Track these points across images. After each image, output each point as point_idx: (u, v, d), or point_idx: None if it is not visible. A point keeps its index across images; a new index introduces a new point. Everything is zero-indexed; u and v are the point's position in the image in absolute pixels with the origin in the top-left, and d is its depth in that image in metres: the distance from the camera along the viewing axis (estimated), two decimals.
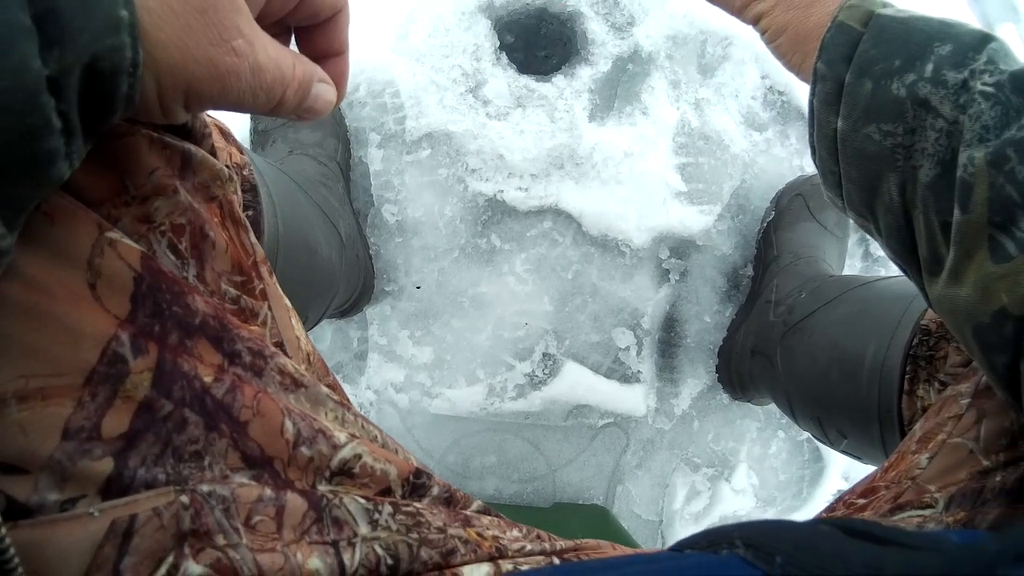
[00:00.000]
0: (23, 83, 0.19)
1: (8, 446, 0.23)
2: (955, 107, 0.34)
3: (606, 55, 0.84)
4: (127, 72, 0.23)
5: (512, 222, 0.85)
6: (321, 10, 0.32)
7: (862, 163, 0.38)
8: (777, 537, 0.27)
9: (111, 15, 0.21)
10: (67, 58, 0.20)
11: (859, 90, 0.37)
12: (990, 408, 0.42)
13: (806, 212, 0.87)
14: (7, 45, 0.19)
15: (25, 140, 0.20)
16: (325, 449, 0.32)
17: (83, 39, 0.21)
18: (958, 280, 0.34)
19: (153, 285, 0.28)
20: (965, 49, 0.35)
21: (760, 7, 0.46)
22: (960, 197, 0.33)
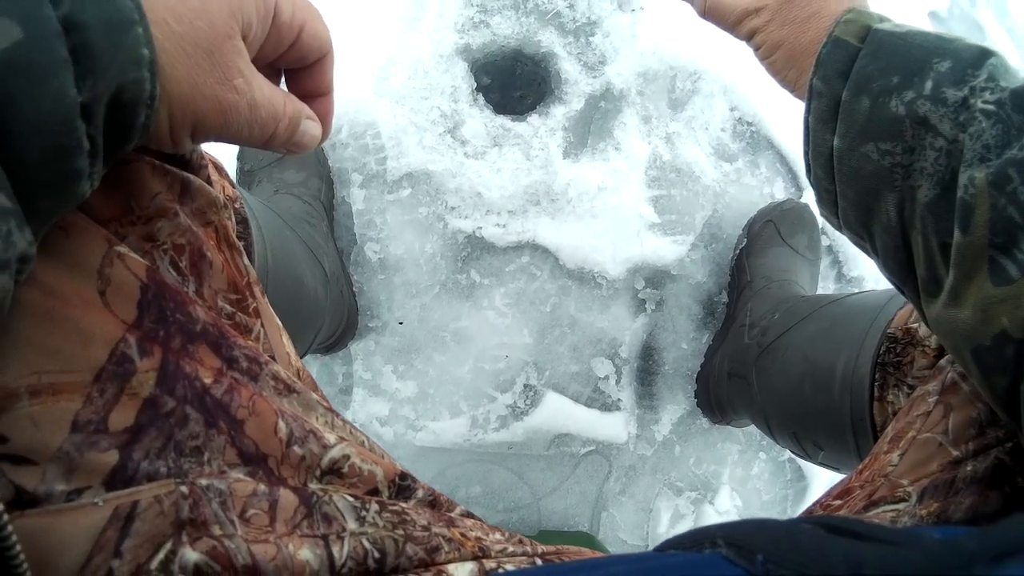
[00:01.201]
0: (61, 107, 0.22)
1: (19, 437, 0.25)
2: (955, 125, 0.33)
3: (579, 93, 0.88)
4: (146, 103, 0.25)
5: (491, 258, 0.88)
6: (309, 54, 0.35)
7: (859, 182, 0.37)
8: (758, 535, 0.28)
9: (135, 52, 0.24)
10: (97, 88, 0.23)
11: (856, 107, 0.37)
12: (957, 402, 0.42)
13: (777, 237, 0.90)
14: (49, 74, 0.22)
15: (59, 158, 0.23)
16: (316, 449, 0.34)
17: (111, 72, 0.23)
18: (957, 302, 0.33)
19: (158, 294, 0.30)
20: (964, 65, 0.34)
21: (754, 22, 0.46)
22: (961, 218, 0.32)
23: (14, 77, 0.21)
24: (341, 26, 0.87)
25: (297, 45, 0.34)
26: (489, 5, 0.88)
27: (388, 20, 0.90)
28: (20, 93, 0.21)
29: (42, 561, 0.24)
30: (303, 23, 0.33)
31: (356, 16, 0.90)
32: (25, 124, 0.21)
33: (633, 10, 0.90)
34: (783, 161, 0.97)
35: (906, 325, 0.53)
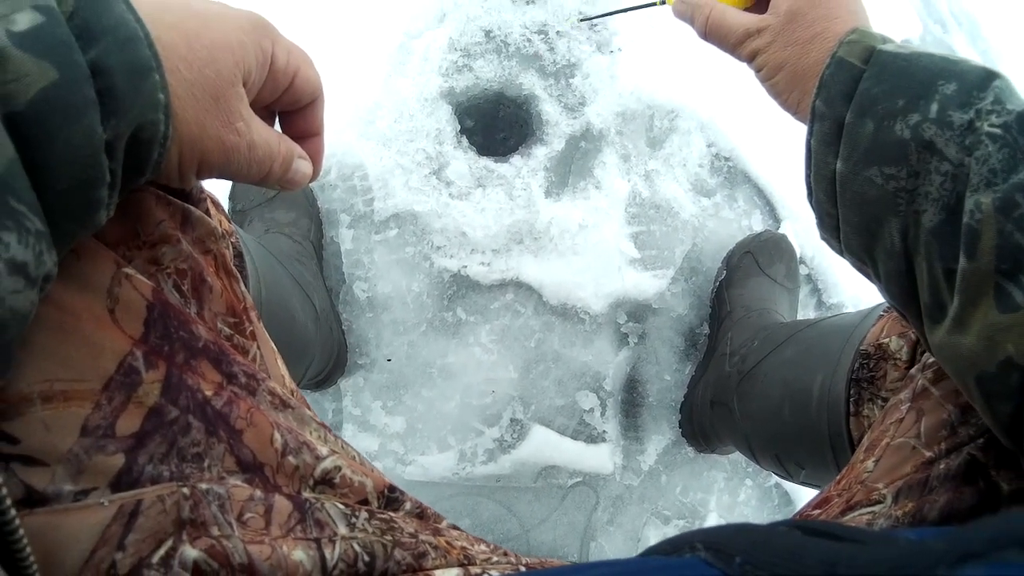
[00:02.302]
0: (90, 143, 0.25)
1: (31, 439, 0.27)
2: (961, 149, 0.33)
3: (560, 134, 0.91)
4: (159, 142, 0.28)
5: (476, 295, 0.90)
6: (302, 98, 0.38)
7: (862, 207, 0.37)
8: (736, 539, 0.28)
9: (153, 97, 0.27)
10: (120, 127, 0.26)
11: (860, 130, 0.36)
12: (928, 406, 0.43)
13: (756, 268, 0.93)
14: (80, 113, 0.24)
15: (84, 188, 0.25)
16: (309, 460, 0.36)
17: (132, 113, 0.26)
18: (962, 329, 0.33)
19: (163, 313, 0.32)
20: (970, 88, 0.34)
21: (756, 43, 0.46)
22: (966, 244, 0.32)
23: (51, 115, 0.23)
24: (330, 71, 0.91)
25: (291, 90, 0.37)
26: (472, 49, 0.92)
27: (375, 64, 0.93)
28: (56, 129, 0.24)
29: (49, 554, 0.26)
30: (296, 70, 0.36)
31: (344, 61, 0.94)
32: (58, 157, 0.24)
33: (611, 51, 0.94)
34: (760, 194, 1.01)
35: (877, 341, 0.55)
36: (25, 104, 0.23)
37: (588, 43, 0.94)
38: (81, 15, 0.25)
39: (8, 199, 0.22)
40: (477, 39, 0.92)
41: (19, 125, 0.23)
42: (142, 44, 0.26)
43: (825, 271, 1.04)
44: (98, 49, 0.25)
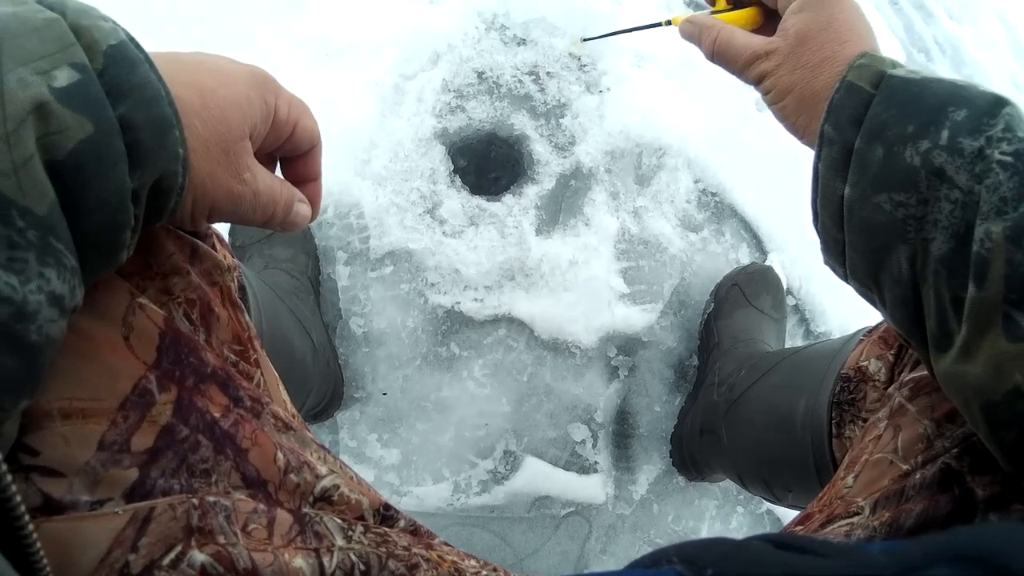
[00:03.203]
0: (119, 191, 0.27)
1: (50, 452, 0.29)
2: (971, 177, 0.33)
3: (550, 173, 0.95)
4: (176, 192, 0.31)
5: (469, 331, 0.93)
6: (301, 145, 0.41)
7: (870, 233, 0.37)
8: (709, 551, 0.30)
9: (174, 151, 0.29)
10: (144, 177, 0.28)
11: (870, 156, 0.36)
12: (905, 422, 0.44)
13: (743, 300, 0.95)
14: (113, 164, 0.27)
15: (112, 231, 0.28)
16: (309, 478, 0.38)
17: (156, 166, 0.29)
18: (969, 357, 0.33)
19: (174, 340, 0.35)
20: (980, 114, 0.34)
21: (764, 66, 0.45)
22: (976, 273, 0.32)
23: (87, 165, 0.26)
24: (327, 110, 0.94)
25: (292, 139, 0.40)
26: (465, 90, 0.95)
27: (370, 104, 0.97)
28: (91, 178, 0.26)
29: (65, 556, 0.28)
30: (297, 121, 0.39)
31: (341, 101, 0.97)
32: (92, 203, 0.26)
33: (600, 91, 0.98)
34: (747, 228, 1.04)
35: (857, 364, 0.56)
36: (66, 154, 0.25)
37: (577, 83, 0.98)
38: (110, 73, 0.27)
39: (50, 239, 0.25)
40: (470, 80, 0.96)
41: (60, 173, 0.25)
42: (164, 102, 0.29)
43: (812, 301, 1.07)
44: (126, 106, 0.27)
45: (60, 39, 0.26)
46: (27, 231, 0.24)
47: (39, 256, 0.24)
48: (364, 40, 0.99)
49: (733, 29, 0.49)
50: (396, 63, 0.98)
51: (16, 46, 0.25)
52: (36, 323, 0.24)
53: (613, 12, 1.01)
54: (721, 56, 0.49)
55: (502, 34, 0.99)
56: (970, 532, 0.27)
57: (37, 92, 0.25)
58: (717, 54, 0.49)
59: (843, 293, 1.09)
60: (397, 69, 0.97)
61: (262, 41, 1.03)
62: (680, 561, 0.30)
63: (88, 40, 0.27)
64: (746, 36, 0.48)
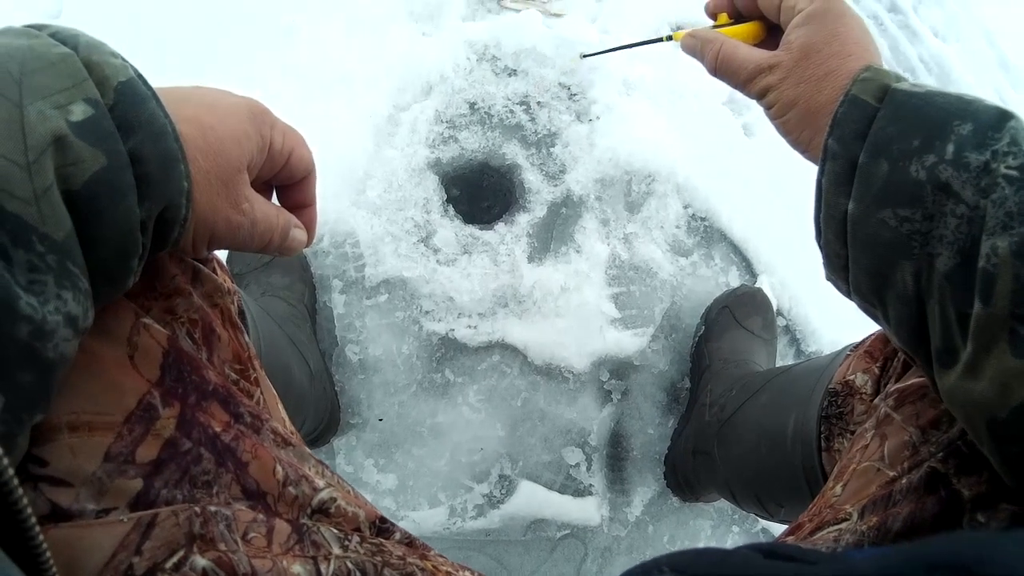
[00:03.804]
0: (130, 221, 0.29)
1: (58, 463, 0.30)
2: (977, 191, 0.33)
3: (542, 201, 0.97)
4: (180, 223, 0.32)
5: (464, 357, 0.95)
6: (296, 174, 0.42)
7: (875, 249, 0.36)
8: (698, 561, 0.30)
9: (179, 184, 0.31)
10: (152, 209, 0.30)
11: (874, 171, 0.36)
12: (891, 431, 0.44)
13: (733, 322, 0.97)
14: (124, 195, 0.28)
15: (122, 258, 0.30)
16: (307, 491, 0.39)
17: (162, 198, 0.30)
18: (975, 374, 0.32)
19: (177, 359, 0.36)
20: (985, 128, 0.34)
21: (768, 80, 0.45)
22: (982, 289, 0.32)
23: (100, 195, 0.27)
24: (322, 142, 0.97)
25: (287, 167, 0.41)
26: (457, 121, 0.98)
27: (365, 135, 0.99)
28: (104, 208, 0.28)
29: (72, 559, 0.29)
30: (291, 151, 0.41)
31: (336, 132, 1.00)
32: (104, 231, 0.28)
33: (590, 120, 1.00)
34: (736, 251, 1.06)
35: (844, 378, 0.56)
36: (81, 185, 0.27)
37: (568, 112, 1.00)
38: (120, 108, 0.29)
39: (67, 263, 0.26)
40: (462, 111, 0.98)
41: (75, 202, 0.27)
42: (171, 138, 0.30)
43: (803, 321, 1.09)
44: (135, 140, 0.29)
45: (74, 75, 0.28)
46: (47, 256, 0.25)
47: (57, 279, 0.26)
48: (358, 71, 1.02)
49: (736, 43, 0.49)
50: (390, 94, 1.00)
51: (34, 80, 0.27)
52: (53, 341, 0.26)
53: (602, 43, 1.03)
54: (724, 70, 0.49)
55: (493, 65, 1.02)
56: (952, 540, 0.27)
57: (56, 125, 0.26)
58: (720, 68, 0.49)
59: (833, 312, 1.12)
60: (391, 100, 1.00)
61: (258, 72, 1.06)
62: (671, 571, 0.30)
63: (99, 76, 0.29)
64: (749, 50, 0.48)
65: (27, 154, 0.25)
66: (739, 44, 0.49)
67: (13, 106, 0.26)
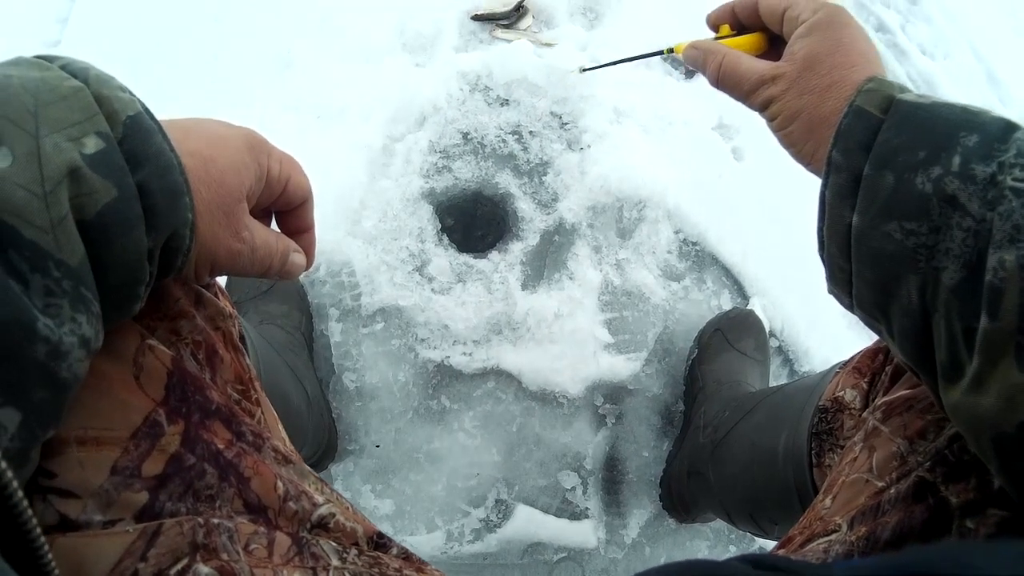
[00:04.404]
0: (138, 250, 0.30)
1: (67, 475, 0.31)
2: (983, 204, 0.32)
3: (535, 230, 1.00)
4: (184, 252, 0.34)
5: (459, 384, 0.97)
6: (294, 200, 0.44)
7: (879, 263, 0.36)
8: (688, 572, 0.31)
9: (184, 216, 0.32)
10: (158, 239, 0.31)
11: (879, 183, 0.35)
12: (879, 443, 0.44)
13: (726, 344, 0.98)
14: (133, 226, 0.29)
15: (130, 285, 0.31)
16: (307, 506, 0.41)
17: (168, 229, 0.32)
18: (981, 389, 0.32)
19: (181, 379, 0.37)
20: (991, 140, 0.33)
21: (770, 91, 0.45)
22: (988, 303, 0.31)
23: (111, 225, 0.29)
24: (319, 172, 0.99)
25: (285, 194, 0.43)
26: (451, 151, 1.01)
27: (360, 166, 1.02)
28: (114, 237, 0.29)
29: (79, 566, 0.30)
30: (288, 178, 0.42)
31: (332, 162, 1.02)
32: (114, 259, 0.29)
33: (581, 149, 1.03)
34: (727, 274, 1.09)
35: (834, 395, 0.57)
36: (93, 215, 0.28)
37: (559, 141, 1.03)
38: (129, 142, 0.30)
39: (81, 288, 0.28)
40: (455, 141, 1.01)
41: (88, 231, 0.28)
42: (176, 171, 0.32)
43: (795, 342, 1.11)
44: (143, 173, 0.30)
45: (86, 108, 0.29)
46: (62, 281, 0.27)
47: (72, 303, 0.27)
48: (353, 103, 1.05)
49: (738, 54, 0.49)
50: (384, 125, 1.03)
51: (49, 113, 0.28)
52: (68, 361, 0.27)
53: (593, 73, 1.06)
54: (726, 81, 0.49)
55: (486, 95, 1.05)
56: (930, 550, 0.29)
57: (71, 158, 0.28)
58: (722, 79, 0.49)
59: (825, 332, 1.14)
60: (385, 131, 1.03)
61: (256, 104, 1.08)
62: None
63: (109, 109, 0.30)
64: (752, 61, 0.48)
65: (44, 184, 0.27)
66: (742, 55, 0.49)
67: (30, 138, 0.27)
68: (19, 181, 0.26)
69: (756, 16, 0.51)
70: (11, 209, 0.25)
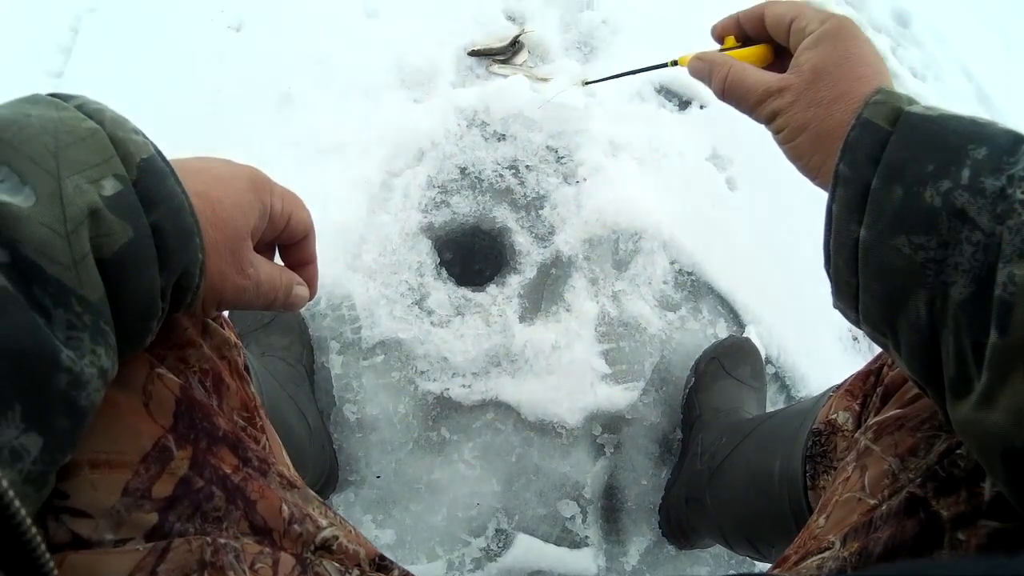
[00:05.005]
0: (152, 288, 0.32)
1: (79, 496, 0.32)
2: (993, 217, 0.32)
3: (532, 263, 1.02)
4: (192, 290, 0.35)
5: (458, 416, 0.99)
6: (296, 235, 0.46)
7: (887, 277, 0.36)
8: None
9: (195, 256, 0.34)
10: (170, 278, 0.33)
11: (887, 197, 0.35)
12: (870, 461, 0.45)
13: (722, 372, 1.00)
14: (148, 265, 0.31)
15: (144, 319, 0.32)
16: (311, 528, 0.42)
17: (180, 268, 0.33)
18: (990, 405, 0.32)
19: (189, 407, 0.38)
20: (1000, 152, 0.33)
21: (777, 103, 0.45)
22: (998, 318, 0.31)
23: (128, 264, 0.30)
24: (319, 207, 1.02)
25: (287, 230, 0.45)
26: (449, 186, 1.04)
27: (360, 201, 1.05)
28: (131, 275, 0.30)
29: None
30: (291, 213, 0.44)
31: (332, 197, 1.05)
32: (130, 296, 0.31)
33: (577, 182, 1.06)
34: (723, 303, 1.11)
35: (827, 418, 0.58)
36: (111, 254, 0.30)
37: (555, 175, 1.06)
38: (143, 184, 0.31)
39: (100, 322, 0.29)
40: (453, 176, 1.04)
41: (106, 268, 0.29)
42: (187, 213, 0.33)
43: (791, 368, 1.14)
44: (157, 215, 0.32)
45: (103, 151, 0.31)
46: (83, 315, 0.28)
47: (92, 336, 0.29)
48: (352, 138, 1.08)
49: (745, 65, 0.49)
50: (383, 160, 1.06)
51: (69, 154, 0.29)
52: (87, 391, 0.29)
53: (588, 106, 1.10)
54: (732, 93, 0.49)
55: (483, 130, 1.08)
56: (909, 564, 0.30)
57: (91, 199, 0.29)
58: (728, 91, 0.49)
59: (821, 358, 1.16)
60: (384, 166, 1.06)
61: (256, 139, 1.12)
62: None
63: (124, 152, 0.32)
64: (758, 72, 0.48)
65: (66, 224, 0.28)
66: (748, 67, 0.49)
67: (52, 179, 0.28)
68: (43, 220, 0.27)
69: (762, 27, 0.51)
70: (36, 247, 0.27)
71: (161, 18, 1.28)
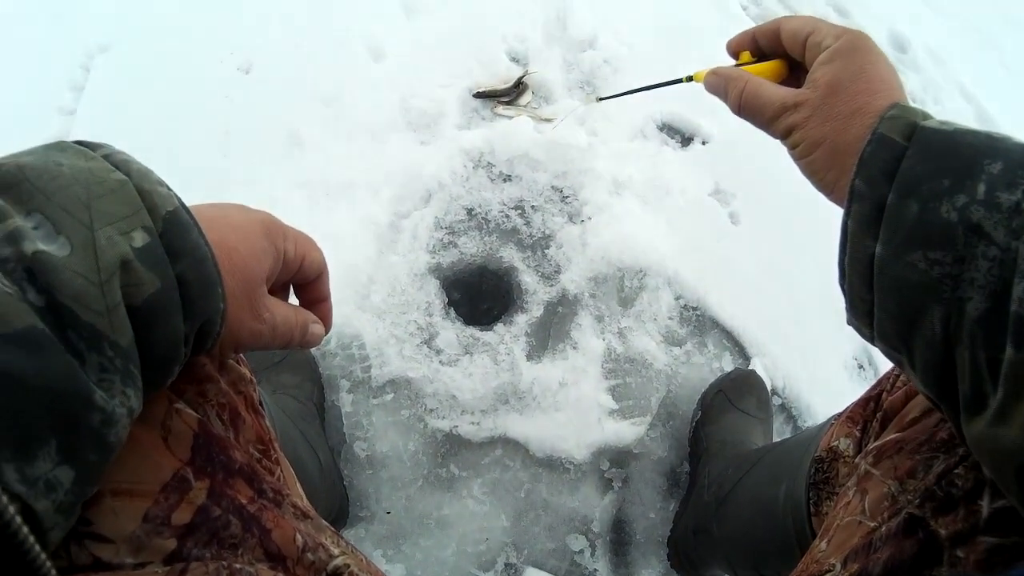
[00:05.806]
0: (177, 335, 0.33)
1: (102, 522, 0.33)
2: (1008, 233, 0.32)
3: (538, 302, 1.06)
4: (213, 336, 0.37)
5: (467, 452, 1.02)
6: (310, 275, 0.47)
7: (903, 293, 0.36)
8: None
9: (216, 304, 0.36)
10: (194, 326, 0.35)
11: (903, 212, 0.35)
12: (870, 485, 0.46)
13: (728, 404, 1.03)
14: (173, 313, 0.33)
15: (168, 363, 0.34)
16: (324, 557, 0.44)
17: (203, 316, 0.35)
18: (1005, 421, 0.32)
19: (206, 441, 0.40)
20: (1015, 166, 0.33)
21: (793, 118, 0.45)
22: (1014, 334, 0.31)
23: (155, 312, 0.32)
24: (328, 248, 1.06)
25: (301, 271, 0.46)
26: (456, 227, 1.08)
27: (369, 242, 1.09)
28: (157, 323, 0.32)
29: None
30: (304, 255, 0.46)
31: (341, 238, 1.10)
32: (156, 342, 0.32)
33: (582, 221, 1.10)
34: (728, 336, 1.15)
35: (829, 445, 0.59)
36: (140, 302, 0.31)
37: (561, 215, 1.10)
38: (168, 236, 0.33)
39: (129, 365, 0.31)
40: (460, 217, 1.08)
41: (135, 316, 0.31)
42: (210, 264, 0.35)
43: (797, 398, 1.16)
44: (182, 265, 0.33)
45: (131, 203, 0.32)
46: (115, 359, 0.30)
47: (122, 378, 0.30)
48: (361, 180, 1.12)
49: (761, 80, 0.50)
50: (391, 202, 1.10)
51: (101, 206, 0.31)
52: (116, 429, 0.30)
53: (592, 146, 1.14)
54: (748, 108, 0.49)
55: (488, 171, 1.12)
56: None
57: (123, 251, 0.31)
58: (744, 106, 0.50)
59: (827, 388, 1.19)
60: (392, 208, 1.10)
61: (265, 183, 1.16)
62: None
63: (150, 203, 0.33)
64: (774, 88, 0.48)
65: (100, 274, 0.30)
66: (763, 82, 0.49)
67: (86, 229, 0.30)
68: (78, 270, 0.29)
69: (777, 43, 0.52)
70: (71, 294, 0.29)
71: (172, 58, 1.33)
